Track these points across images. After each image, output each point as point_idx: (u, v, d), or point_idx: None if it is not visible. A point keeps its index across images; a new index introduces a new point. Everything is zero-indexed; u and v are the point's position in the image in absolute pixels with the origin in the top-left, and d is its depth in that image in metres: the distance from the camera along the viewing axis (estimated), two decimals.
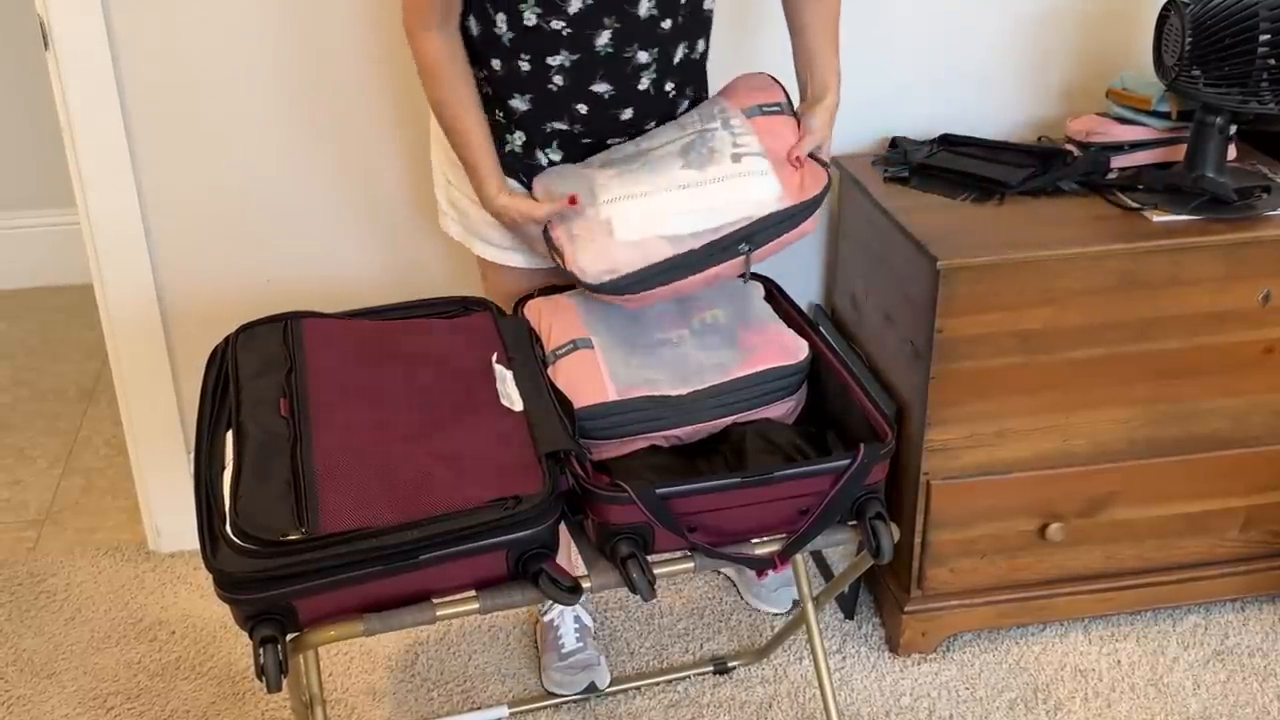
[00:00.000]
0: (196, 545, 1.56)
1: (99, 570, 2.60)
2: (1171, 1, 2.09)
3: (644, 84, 1.92)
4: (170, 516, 2.60)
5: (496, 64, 1.89)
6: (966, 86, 2.47)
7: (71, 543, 2.69)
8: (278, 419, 1.71)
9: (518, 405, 1.74)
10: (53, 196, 3.60)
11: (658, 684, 2.29)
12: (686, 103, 2.01)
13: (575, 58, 1.87)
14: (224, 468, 1.67)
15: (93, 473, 2.93)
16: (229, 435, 1.72)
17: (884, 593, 2.38)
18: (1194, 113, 2.16)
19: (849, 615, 2.44)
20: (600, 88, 1.90)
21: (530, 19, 1.83)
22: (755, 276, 2.05)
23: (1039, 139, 2.46)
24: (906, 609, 2.30)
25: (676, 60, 1.93)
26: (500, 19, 1.84)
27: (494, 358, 1.83)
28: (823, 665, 2.09)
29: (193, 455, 1.74)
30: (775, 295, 2.02)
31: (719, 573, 2.48)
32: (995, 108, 2.49)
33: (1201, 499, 2.28)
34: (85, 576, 2.58)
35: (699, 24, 1.95)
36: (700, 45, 1.98)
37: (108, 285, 2.41)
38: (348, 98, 2.34)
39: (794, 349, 1.87)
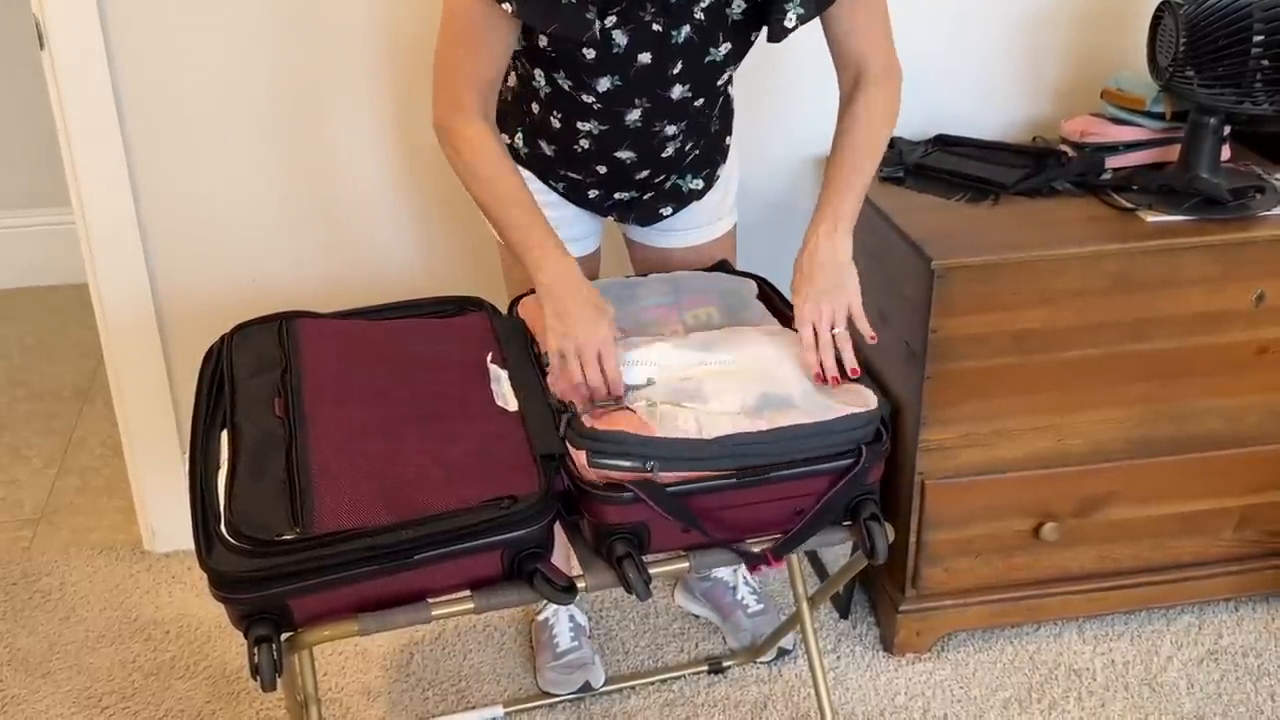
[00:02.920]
0: (191, 545, 1.56)
1: (94, 570, 2.59)
2: (1166, 2, 2.09)
3: (668, 151, 1.95)
4: (165, 516, 2.60)
5: (535, 108, 1.89)
6: (961, 87, 2.47)
7: (66, 542, 2.69)
8: (273, 419, 1.71)
9: (513, 405, 1.74)
10: (49, 196, 3.59)
11: (653, 683, 2.29)
12: (699, 165, 2.03)
13: (605, 128, 1.88)
14: (219, 467, 1.67)
15: (88, 472, 2.93)
16: (224, 435, 1.72)
17: (879, 592, 2.38)
18: (1188, 113, 2.17)
19: (844, 615, 2.44)
20: (624, 155, 1.93)
21: (564, 85, 1.83)
22: (749, 275, 2.06)
23: (1034, 139, 2.46)
24: (901, 608, 2.30)
25: (701, 126, 1.96)
26: (539, 74, 1.84)
27: (489, 357, 1.83)
28: (818, 665, 2.09)
29: (188, 455, 1.74)
30: (768, 294, 2.02)
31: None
32: (990, 108, 2.49)
33: (1196, 499, 2.28)
34: (80, 576, 2.58)
35: (722, 109, 2.00)
36: (718, 124, 2.01)
37: (103, 285, 2.40)
38: (344, 98, 2.34)
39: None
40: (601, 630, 2.42)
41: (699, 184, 2.04)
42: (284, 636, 1.53)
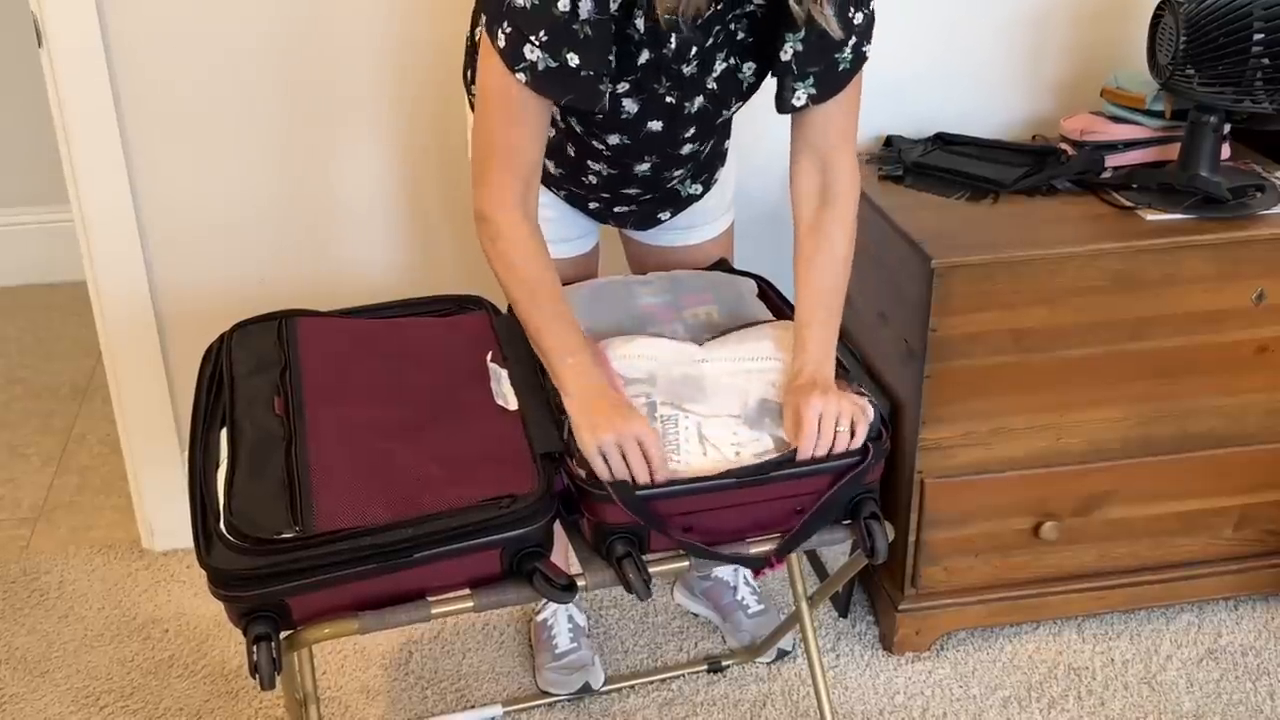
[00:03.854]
0: (190, 543, 1.55)
1: (92, 568, 2.59)
2: (1166, 1, 2.09)
3: (672, 183, 1.96)
4: (164, 514, 2.60)
5: (552, 133, 1.87)
6: (961, 85, 2.47)
7: (65, 540, 2.69)
8: (272, 417, 1.71)
9: (512, 404, 1.73)
10: (48, 194, 3.58)
11: (652, 683, 2.29)
12: (698, 173, 2.03)
13: (614, 172, 1.89)
14: (218, 466, 1.67)
15: (87, 470, 2.93)
16: (223, 433, 1.72)
17: (878, 591, 2.38)
18: (1188, 112, 2.16)
19: (843, 614, 2.44)
20: (632, 191, 1.95)
21: (577, 128, 1.83)
22: (748, 274, 2.06)
23: (1033, 138, 2.46)
24: (900, 607, 2.30)
25: (704, 159, 1.97)
26: (556, 112, 1.82)
27: (489, 356, 1.83)
28: (817, 664, 2.08)
29: (187, 453, 1.73)
30: (767, 293, 2.02)
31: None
32: (990, 106, 2.49)
33: (1195, 498, 2.28)
34: (79, 574, 2.57)
35: (727, 131, 2.00)
36: (726, 142, 2.01)
37: (102, 283, 2.40)
38: (343, 97, 2.34)
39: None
40: (600, 629, 2.42)
41: (698, 188, 2.04)
42: (283, 635, 1.53)
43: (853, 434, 1.65)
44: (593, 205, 2.02)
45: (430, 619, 1.56)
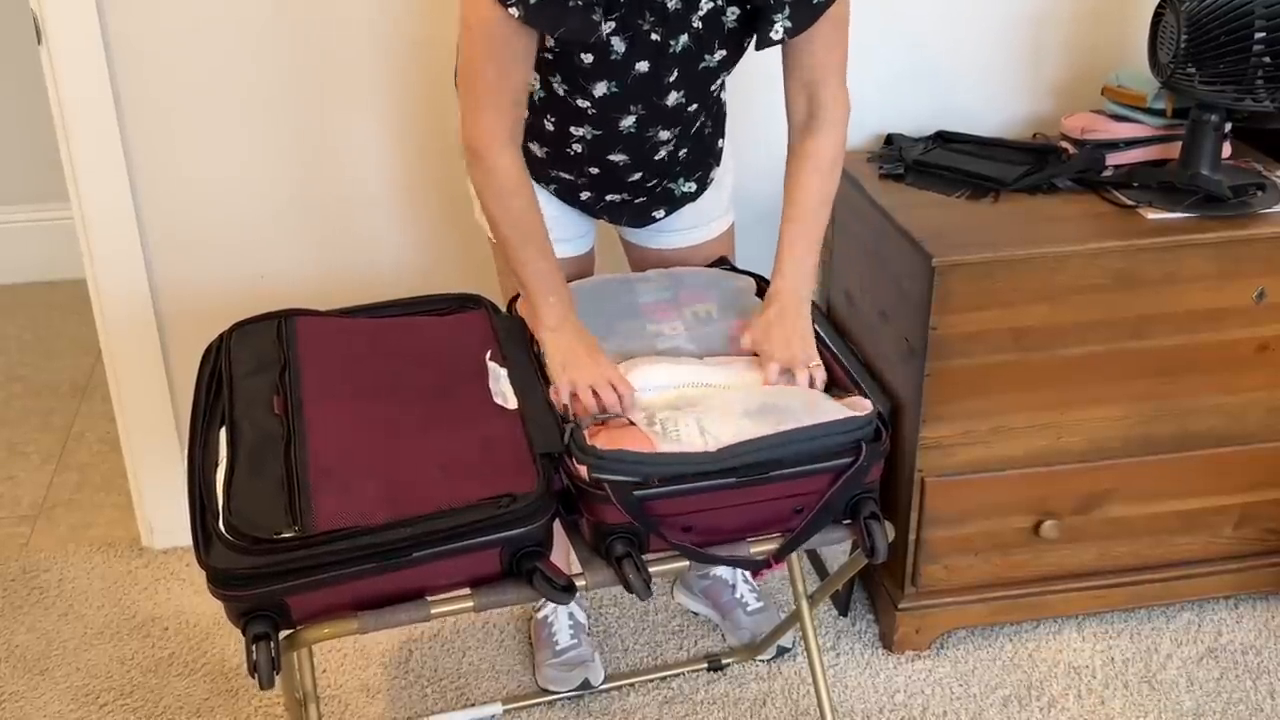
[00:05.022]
0: (190, 541, 1.56)
1: (92, 566, 2.59)
2: None
3: (660, 154, 1.95)
4: (164, 512, 2.60)
5: (529, 111, 1.88)
6: (962, 83, 2.46)
7: (65, 538, 2.69)
8: (271, 417, 1.71)
9: (512, 404, 1.73)
10: (48, 191, 3.57)
11: (652, 681, 2.29)
12: (691, 168, 2.03)
13: (598, 133, 1.88)
14: (217, 465, 1.67)
15: (86, 468, 2.93)
16: (222, 432, 1.72)
17: (878, 590, 2.38)
18: (1189, 110, 2.16)
19: (843, 612, 2.44)
20: (618, 157, 1.93)
21: (559, 90, 1.83)
22: (747, 273, 2.06)
23: (1034, 136, 2.46)
24: (901, 606, 2.30)
25: (694, 131, 1.96)
26: (534, 79, 1.84)
27: (488, 355, 1.83)
28: (817, 662, 2.08)
29: (186, 453, 1.73)
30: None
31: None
32: (990, 105, 2.48)
33: (1195, 497, 2.28)
34: (78, 572, 2.57)
35: (715, 112, 1.99)
36: (710, 127, 2.00)
37: (101, 281, 2.40)
38: (343, 94, 2.33)
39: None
40: (600, 627, 2.42)
41: (691, 187, 2.04)
42: (282, 634, 1.53)
43: (812, 382, 1.77)
44: (584, 195, 2.01)
45: (430, 618, 1.56)
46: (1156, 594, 2.37)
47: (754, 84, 2.16)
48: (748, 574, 2.42)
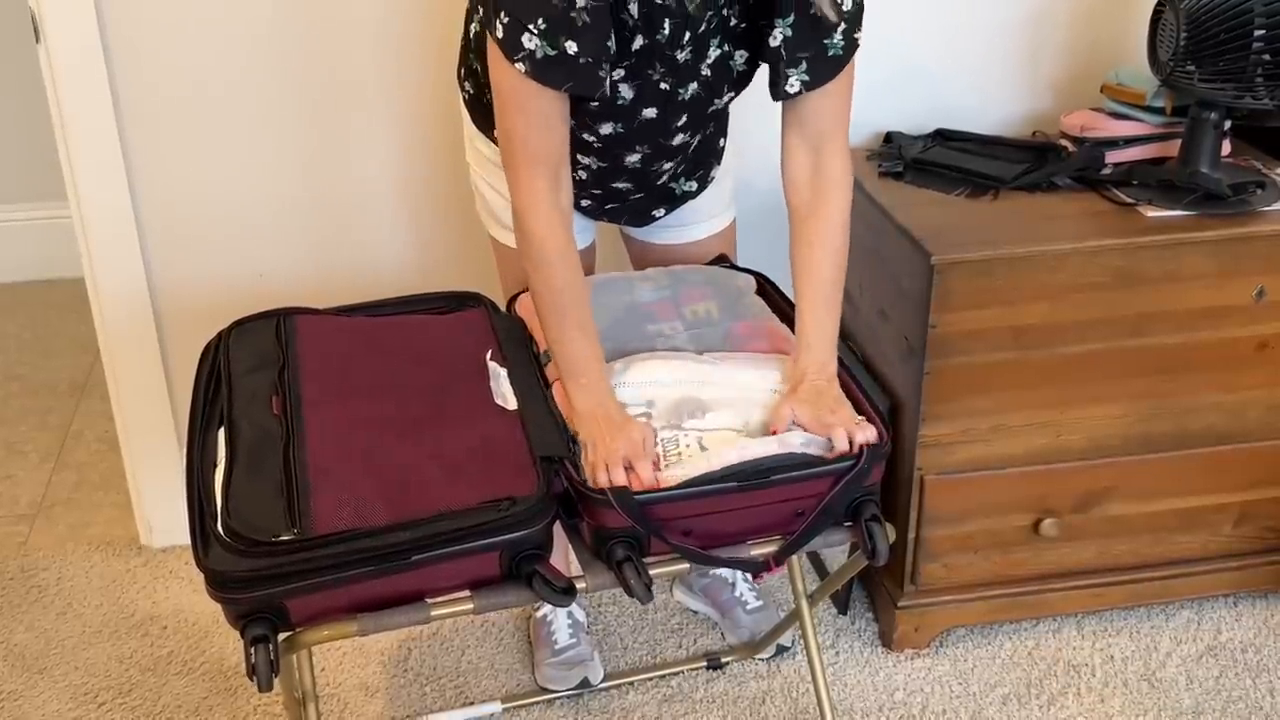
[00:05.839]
0: (189, 541, 1.55)
1: (90, 565, 2.59)
2: None
3: (663, 179, 1.95)
4: (162, 511, 2.60)
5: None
6: (961, 81, 2.46)
7: (63, 537, 2.69)
8: (270, 417, 1.70)
9: (512, 404, 1.73)
10: (46, 190, 3.57)
11: (651, 679, 2.29)
12: (692, 170, 2.02)
13: (603, 165, 1.88)
14: (215, 465, 1.66)
15: (85, 467, 2.92)
16: (221, 433, 1.72)
17: (878, 588, 2.38)
18: (1188, 108, 2.16)
19: (843, 611, 2.44)
20: (622, 185, 1.94)
21: (570, 121, 1.82)
22: (747, 271, 2.05)
23: (1033, 134, 2.45)
24: (900, 604, 2.29)
25: (693, 154, 1.95)
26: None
27: (488, 355, 1.82)
28: (816, 661, 2.08)
29: (185, 453, 1.73)
30: (767, 290, 2.01)
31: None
32: (990, 103, 2.48)
33: (1195, 495, 2.28)
34: (77, 571, 2.57)
35: (721, 125, 1.99)
36: (712, 128, 1.98)
37: (100, 280, 2.40)
38: (343, 92, 2.33)
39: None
40: (600, 626, 2.42)
41: (692, 185, 2.04)
42: (281, 636, 1.53)
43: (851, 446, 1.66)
44: (585, 204, 2.01)
45: (429, 621, 1.56)
46: (1156, 592, 2.37)
47: (755, 83, 2.16)
48: (747, 574, 2.42)
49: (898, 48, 2.42)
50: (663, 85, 1.75)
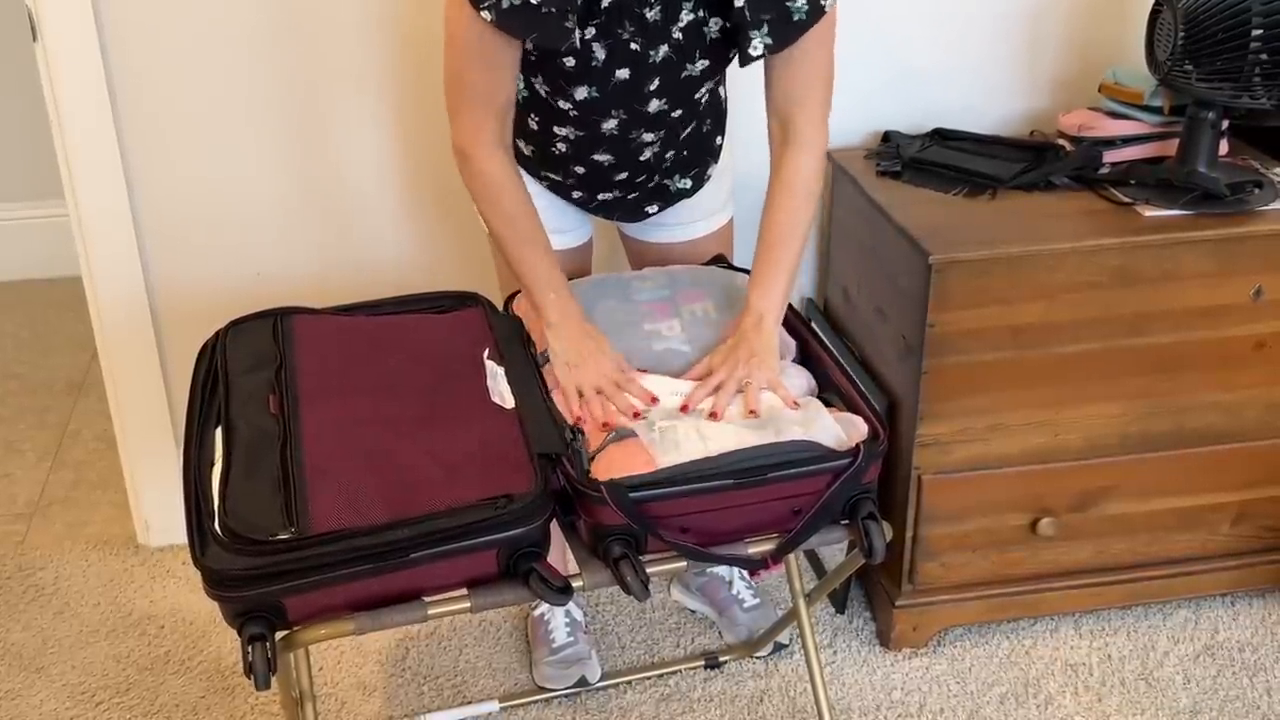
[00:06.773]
0: (186, 540, 1.55)
1: (88, 564, 2.59)
2: None
3: (645, 155, 1.94)
4: (160, 510, 2.59)
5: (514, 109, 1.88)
6: (959, 80, 2.46)
7: (60, 536, 2.68)
8: (267, 416, 1.70)
9: (509, 402, 1.73)
10: (44, 189, 3.57)
11: (649, 678, 2.29)
12: (686, 166, 2.02)
13: (581, 134, 1.88)
14: (213, 464, 1.66)
15: (82, 466, 2.92)
16: (218, 432, 1.72)
17: (875, 587, 2.38)
18: (1186, 107, 2.16)
19: (840, 610, 2.44)
20: (602, 157, 1.93)
21: (541, 91, 1.83)
22: (745, 270, 2.05)
23: (1031, 133, 2.46)
24: (898, 603, 2.29)
25: (682, 136, 1.95)
26: (519, 78, 1.83)
27: (485, 354, 1.83)
28: (814, 660, 2.08)
29: (182, 452, 1.73)
30: None
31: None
32: (988, 102, 2.48)
33: (1193, 494, 2.28)
34: (74, 570, 2.57)
35: (711, 110, 1.98)
36: (709, 125, 1.99)
37: (97, 279, 2.39)
38: (342, 92, 2.33)
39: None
40: (597, 625, 2.42)
41: (687, 183, 2.04)
42: (279, 635, 1.53)
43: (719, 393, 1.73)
44: (575, 194, 2.01)
45: (427, 619, 1.56)
46: (1153, 591, 2.37)
47: (754, 79, 2.16)
48: (745, 572, 2.42)
49: (895, 48, 2.42)
50: (633, 45, 1.75)
